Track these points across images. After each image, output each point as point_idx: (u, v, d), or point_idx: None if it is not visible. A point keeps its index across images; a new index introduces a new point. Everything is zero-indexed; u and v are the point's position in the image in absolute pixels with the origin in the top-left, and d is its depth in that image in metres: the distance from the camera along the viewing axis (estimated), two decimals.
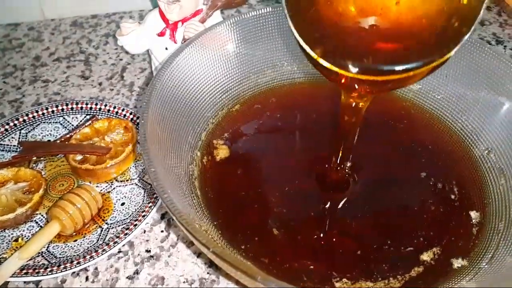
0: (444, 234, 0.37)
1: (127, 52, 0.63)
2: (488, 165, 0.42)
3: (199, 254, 0.41)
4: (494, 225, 0.38)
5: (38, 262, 0.39)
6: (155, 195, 0.43)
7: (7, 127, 0.49)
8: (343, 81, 0.31)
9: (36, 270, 0.38)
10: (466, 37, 0.29)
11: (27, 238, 0.41)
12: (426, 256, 0.36)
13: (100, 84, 0.59)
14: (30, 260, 0.39)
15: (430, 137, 0.46)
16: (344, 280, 0.35)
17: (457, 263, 0.35)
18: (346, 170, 0.42)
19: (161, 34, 0.50)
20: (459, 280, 0.34)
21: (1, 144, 0.48)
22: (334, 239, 0.38)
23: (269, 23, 0.47)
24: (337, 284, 0.34)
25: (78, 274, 0.40)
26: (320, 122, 0.48)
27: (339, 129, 0.38)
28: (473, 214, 0.39)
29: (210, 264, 0.40)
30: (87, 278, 0.39)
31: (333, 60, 0.30)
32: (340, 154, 0.39)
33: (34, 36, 0.67)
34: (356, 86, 0.32)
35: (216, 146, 0.44)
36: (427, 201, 0.40)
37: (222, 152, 0.44)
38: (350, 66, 0.29)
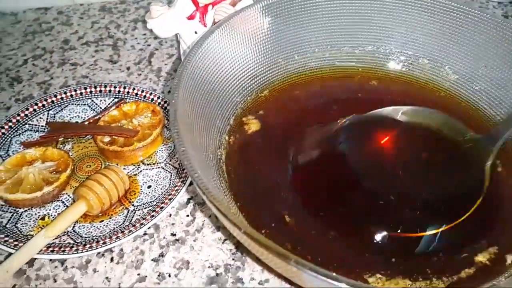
0: (500, 230, 0.36)
1: (155, 38, 0.63)
2: None
3: (224, 240, 0.40)
4: None
5: (64, 241, 0.39)
6: (181, 179, 0.43)
7: (35, 107, 0.49)
8: None
9: (62, 249, 0.38)
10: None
11: (53, 217, 0.41)
12: (481, 257, 0.34)
13: (128, 68, 0.59)
14: (56, 238, 0.39)
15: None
16: (378, 275, 0.33)
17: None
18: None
19: (191, 17, 0.49)
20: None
21: (30, 124, 0.48)
22: (369, 234, 0.36)
23: (301, 8, 0.46)
24: (370, 279, 0.33)
25: (103, 254, 0.39)
26: (349, 108, 0.46)
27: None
28: None
29: (236, 250, 0.40)
30: (112, 259, 0.39)
31: None
32: None
33: (63, 20, 0.67)
34: None
35: (246, 122, 0.44)
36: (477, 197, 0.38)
37: (254, 126, 0.43)
38: None
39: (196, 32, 0.50)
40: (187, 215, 0.42)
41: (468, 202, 0.36)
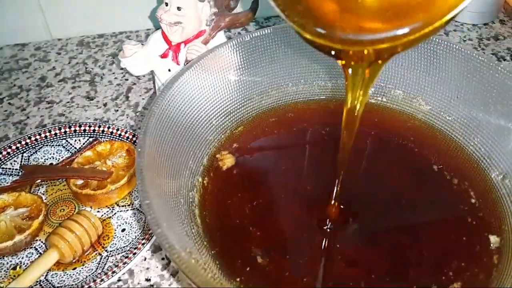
0: (464, 265, 0.35)
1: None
2: (504, 191, 0.40)
3: None
4: None
5: None
6: None
7: (9, 150, 0.49)
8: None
9: None
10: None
11: (25, 266, 0.40)
12: None
13: (105, 105, 0.59)
14: None
15: (442, 158, 0.44)
16: None
17: None
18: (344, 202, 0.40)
19: (164, 55, 0.49)
20: None
21: (3, 168, 0.48)
22: (342, 271, 0.36)
23: (273, 44, 0.46)
24: None
25: None
26: (326, 142, 0.46)
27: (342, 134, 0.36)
28: (493, 239, 0.37)
29: None
30: None
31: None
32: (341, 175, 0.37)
33: (40, 56, 0.67)
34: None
35: (221, 158, 0.44)
36: (441, 227, 0.38)
37: (228, 161, 0.43)
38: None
39: (169, 70, 0.50)
40: (163, 258, 0.42)
41: None
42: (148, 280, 0.40)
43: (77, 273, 0.40)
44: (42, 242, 0.42)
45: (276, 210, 0.41)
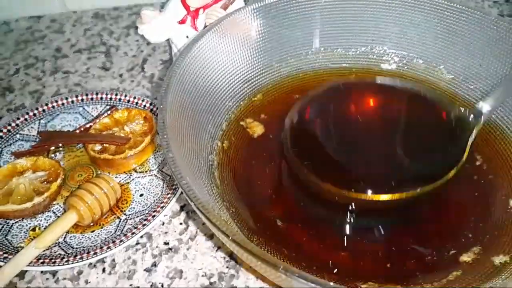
0: (484, 229, 0.35)
1: (148, 44, 0.62)
2: None
3: (218, 248, 0.39)
4: None
5: (55, 252, 0.38)
6: (174, 187, 0.42)
7: (26, 116, 0.49)
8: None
9: (53, 260, 0.37)
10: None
11: (44, 228, 0.40)
12: (466, 257, 0.33)
13: (120, 75, 0.58)
14: (46, 250, 0.38)
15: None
16: (370, 283, 0.32)
17: (499, 259, 0.33)
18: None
19: (182, 21, 0.48)
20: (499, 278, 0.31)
21: (21, 134, 0.48)
22: (360, 237, 0.36)
23: (293, 10, 0.46)
24: (363, 286, 0.32)
25: (95, 265, 0.39)
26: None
27: None
28: None
29: (230, 258, 0.39)
30: (104, 270, 0.38)
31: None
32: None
33: (56, 28, 0.66)
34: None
35: (246, 126, 0.43)
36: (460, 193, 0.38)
37: (258, 128, 0.43)
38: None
39: (187, 37, 0.49)
40: (180, 223, 0.42)
41: (446, 168, 0.35)
42: (166, 243, 0.40)
43: (95, 235, 0.40)
44: (60, 206, 0.42)
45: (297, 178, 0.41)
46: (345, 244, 0.35)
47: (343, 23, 0.47)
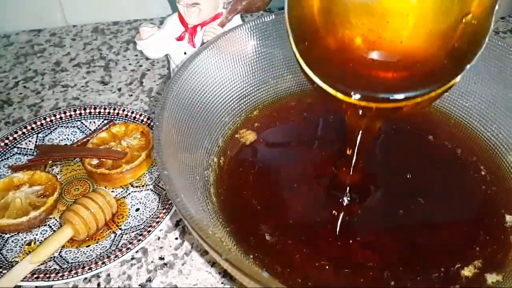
0: (479, 246, 0.35)
1: (147, 58, 0.63)
2: None
3: (213, 264, 0.40)
4: None
5: (50, 267, 0.38)
6: (169, 201, 0.42)
7: (24, 130, 0.49)
8: (344, 106, 0.31)
9: (47, 275, 0.37)
10: (472, 62, 0.29)
11: (40, 242, 0.41)
12: (467, 272, 0.34)
13: (119, 89, 0.59)
14: (41, 264, 0.38)
15: (457, 145, 0.43)
16: None
17: (492, 278, 0.33)
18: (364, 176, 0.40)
19: (180, 38, 0.49)
20: None
21: (18, 147, 0.48)
22: (355, 252, 0.36)
23: None
24: None
25: (90, 280, 0.39)
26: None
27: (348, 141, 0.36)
28: (508, 218, 0.37)
29: (225, 274, 0.39)
30: (98, 285, 0.38)
31: (333, 84, 0.30)
32: (354, 159, 0.37)
33: (55, 41, 0.67)
34: (359, 112, 0.32)
35: (241, 136, 0.44)
36: (455, 214, 0.38)
37: (250, 136, 0.44)
38: (351, 92, 0.29)
39: (185, 53, 0.50)
40: (176, 238, 0.42)
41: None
42: (161, 258, 0.40)
43: (91, 250, 0.40)
44: (56, 220, 0.43)
45: (291, 192, 0.41)
46: (344, 262, 0.35)
47: None
